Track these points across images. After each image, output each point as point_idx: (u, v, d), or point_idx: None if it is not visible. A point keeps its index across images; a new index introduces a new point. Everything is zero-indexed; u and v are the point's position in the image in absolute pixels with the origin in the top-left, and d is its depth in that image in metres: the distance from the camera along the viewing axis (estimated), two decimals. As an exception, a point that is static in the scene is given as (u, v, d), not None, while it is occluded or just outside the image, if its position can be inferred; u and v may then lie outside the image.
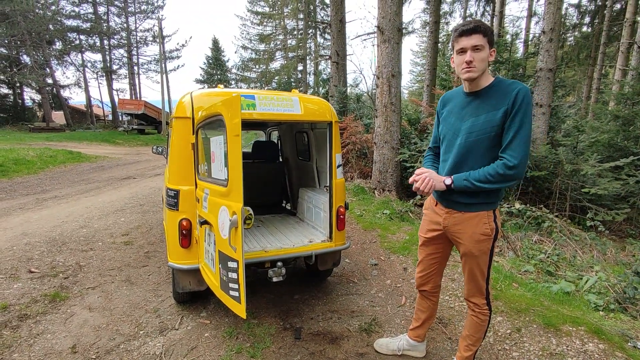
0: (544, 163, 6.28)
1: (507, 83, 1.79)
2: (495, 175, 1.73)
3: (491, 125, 1.77)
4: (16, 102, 29.81)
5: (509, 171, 1.71)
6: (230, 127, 2.01)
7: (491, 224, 1.89)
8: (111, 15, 31.97)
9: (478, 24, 1.74)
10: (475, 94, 1.87)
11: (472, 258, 1.95)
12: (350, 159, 8.98)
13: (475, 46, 1.74)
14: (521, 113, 1.71)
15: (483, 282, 2.00)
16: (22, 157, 10.94)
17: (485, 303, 2.04)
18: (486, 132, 1.79)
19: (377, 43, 6.94)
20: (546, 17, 6.92)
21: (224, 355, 2.45)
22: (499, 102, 1.76)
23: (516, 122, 1.71)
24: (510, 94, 1.73)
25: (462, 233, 1.94)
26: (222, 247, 2.15)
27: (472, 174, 1.80)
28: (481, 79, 1.83)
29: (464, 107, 1.91)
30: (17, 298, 3.14)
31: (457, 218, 1.94)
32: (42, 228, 5.08)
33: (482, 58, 1.76)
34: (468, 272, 2.01)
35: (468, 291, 2.06)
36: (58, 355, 2.43)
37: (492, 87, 1.82)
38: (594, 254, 4.64)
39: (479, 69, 1.77)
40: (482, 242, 1.90)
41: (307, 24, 26.28)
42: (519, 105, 1.70)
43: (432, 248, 2.17)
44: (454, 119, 1.95)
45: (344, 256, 4.27)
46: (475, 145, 1.83)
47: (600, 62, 15.43)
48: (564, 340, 2.60)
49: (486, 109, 1.80)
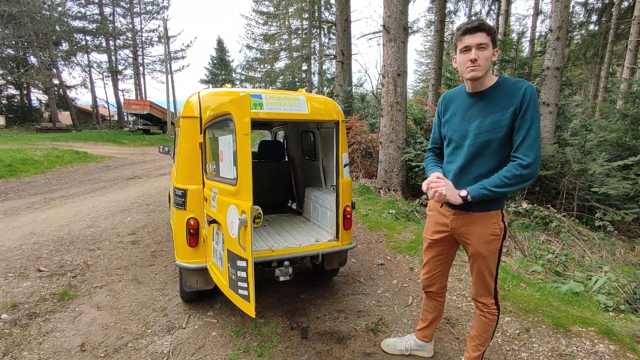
0: (551, 162, 6.23)
1: (512, 82, 1.77)
2: (512, 177, 1.70)
3: (500, 125, 1.75)
4: (23, 103, 30.12)
5: (524, 170, 1.68)
6: (240, 126, 2.01)
7: (500, 223, 1.88)
8: (117, 16, 32.21)
9: (482, 22, 1.73)
10: (479, 94, 1.84)
11: (480, 258, 1.93)
12: (355, 158, 8.97)
13: (480, 44, 1.72)
14: (530, 111, 1.69)
15: (492, 281, 1.98)
16: (29, 157, 11.04)
17: (494, 303, 2.02)
18: (495, 133, 1.77)
19: (383, 42, 6.92)
20: (554, 15, 6.85)
21: (232, 354, 2.45)
22: (507, 102, 1.74)
23: (526, 120, 1.70)
24: (518, 92, 1.71)
25: (470, 234, 1.92)
26: (231, 246, 2.15)
27: (486, 181, 1.75)
28: (485, 79, 1.80)
29: (469, 109, 1.88)
30: (26, 296, 3.16)
31: (465, 219, 1.92)
32: (50, 227, 5.12)
33: (487, 57, 1.74)
34: (476, 273, 1.99)
35: (476, 291, 2.04)
36: (67, 354, 2.44)
37: (496, 87, 1.80)
38: (602, 254, 4.59)
39: (484, 68, 1.74)
40: (491, 243, 1.88)
41: (312, 23, 26.26)
42: (527, 103, 1.69)
43: (438, 250, 2.14)
44: (460, 121, 1.92)
45: (350, 256, 4.26)
46: (483, 146, 1.81)
47: (608, 61, 15.26)
48: (574, 341, 2.58)
49: (493, 110, 1.78)
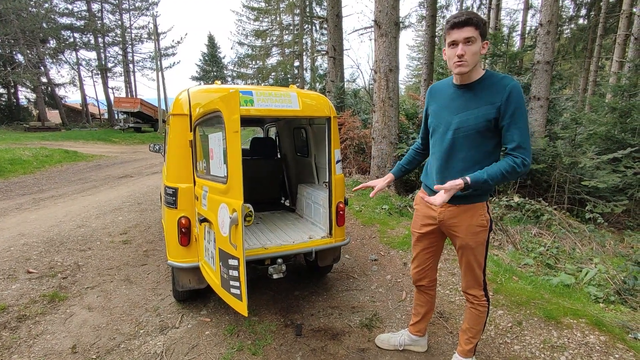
0: (542, 156, 6.29)
1: (499, 77, 1.78)
2: (513, 172, 1.71)
3: (483, 119, 1.77)
4: (11, 102, 29.54)
5: (525, 169, 1.73)
6: (229, 123, 1.99)
7: (486, 215, 1.93)
8: (105, 12, 31.62)
9: (470, 16, 1.70)
10: (466, 87, 1.85)
11: (468, 250, 1.97)
12: (348, 154, 8.96)
13: (467, 39, 1.70)
14: (519, 109, 1.72)
15: (480, 273, 2.01)
16: (18, 157, 10.86)
17: (484, 294, 2.05)
18: (477, 126, 1.79)
19: (374, 37, 6.90)
20: (543, 10, 6.89)
21: (225, 353, 2.44)
22: (492, 97, 1.75)
23: (517, 119, 1.72)
24: (504, 90, 1.72)
25: (458, 226, 1.95)
26: (222, 244, 2.13)
27: (487, 173, 1.71)
28: (472, 72, 1.80)
29: (454, 100, 1.89)
30: (15, 299, 3.11)
31: (453, 211, 1.95)
32: (39, 228, 5.05)
33: (474, 51, 1.72)
34: (465, 264, 2.03)
35: (466, 283, 2.07)
36: (58, 356, 2.41)
37: (483, 81, 1.80)
38: (593, 246, 4.65)
39: (471, 63, 1.74)
40: (478, 234, 1.93)
41: (303, 19, 26.08)
42: (515, 101, 1.71)
43: (427, 243, 2.18)
44: (444, 112, 1.93)
45: (344, 252, 4.26)
46: (465, 138, 1.83)
47: (597, 55, 15.39)
48: (565, 333, 2.61)
49: (478, 103, 1.79)
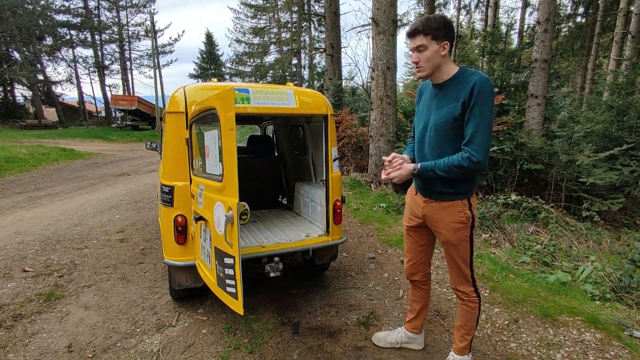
0: (540, 155, 6.29)
1: (468, 74, 1.81)
2: (460, 167, 1.77)
3: (451, 116, 1.81)
4: (7, 99, 29.36)
5: (473, 165, 1.75)
6: (224, 121, 1.98)
7: (466, 212, 1.93)
8: (102, 9, 31.49)
9: (417, 26, 1.80)
10: (439, 86, 1.91)
11: (451, 246, 1.99)
12: (346, 152, 8.95)
13: (418, 47, 1.81)
14: (479, 104, 1.72)
15: (467, 269, 2.02)
16: (14, 155, 10.79)
17: (473, 290, 2.06)
18: (447, 124, 1.84)
19: (372, 35, 6.88)
20: (541, 8, 6.88)
21: (222, 351, 2.44)
22: (459, 94, 1.79)
23: (475, 114, 1.74)
24: (468, 85, 1.75)
25: (439, 222, 1.98)
26: (218, 243, 2.12)
27: (437, 164, 1.83)
28: (441, 72, 1.87)
29: (432, 99, 1.96)
30: (11, 297, 3.10)
31: (435, 207, 1.99)
32: (35, 226, 5.02)
33: (427, 57, 1.81)
34: (449, 260, 2.06)
35: (453, 279, 2.09)
36: (54, 355, 2.40)
37: (454, 79, 1.85)
38: (589, 244, 4.66)
39: (426, 68, 1.84)
40: (459, 231, 1.94)
41: (301, 16, 25.99)
42: (475, 96, 1.72)
43: (417, 236, 2.20)
44: (425, 111, 2.01)
45: (341, 250, 4.26)
46: (440, 136, 1.88)
47: (595, 53, 15.43)
48: (561, 331, 2.62)
49: (448, 101, 1.84)
